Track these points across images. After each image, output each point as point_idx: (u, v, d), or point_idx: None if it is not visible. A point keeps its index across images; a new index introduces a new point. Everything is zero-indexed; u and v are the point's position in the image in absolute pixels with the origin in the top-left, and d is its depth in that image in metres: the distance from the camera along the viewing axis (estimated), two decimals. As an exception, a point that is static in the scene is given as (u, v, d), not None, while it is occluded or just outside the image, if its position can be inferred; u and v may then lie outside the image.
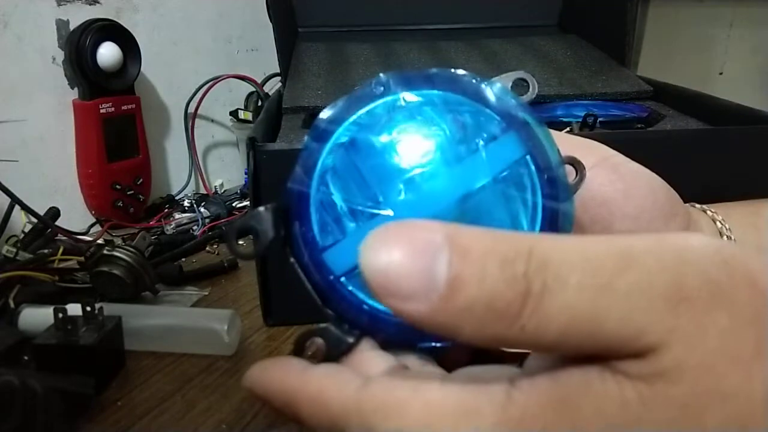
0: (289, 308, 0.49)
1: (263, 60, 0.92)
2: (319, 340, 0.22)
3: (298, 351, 0.22)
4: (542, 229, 0.20)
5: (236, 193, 0.81)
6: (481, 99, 0.21)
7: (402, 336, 0.21)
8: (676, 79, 0.67)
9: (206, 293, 0.55)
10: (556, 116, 0.60)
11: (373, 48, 0.76)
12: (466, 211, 0.20)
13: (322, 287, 0.22)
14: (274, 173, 0.45)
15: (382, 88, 0.22)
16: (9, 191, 0.58)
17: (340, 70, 0.68)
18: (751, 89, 0.97)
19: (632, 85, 0.66)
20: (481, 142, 0.21)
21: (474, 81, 0.22)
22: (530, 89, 0.23)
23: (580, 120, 0.54)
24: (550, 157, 0.21)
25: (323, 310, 0.22)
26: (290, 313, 0.49)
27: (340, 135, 0.22)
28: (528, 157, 0.21)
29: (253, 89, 0.85)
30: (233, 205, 0.76)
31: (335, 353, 0.22)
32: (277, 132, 0.54)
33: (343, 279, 0.22)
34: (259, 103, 0.84)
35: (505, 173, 0.21)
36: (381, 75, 0.22)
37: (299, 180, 0.22)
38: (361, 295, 0.21)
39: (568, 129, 0.55)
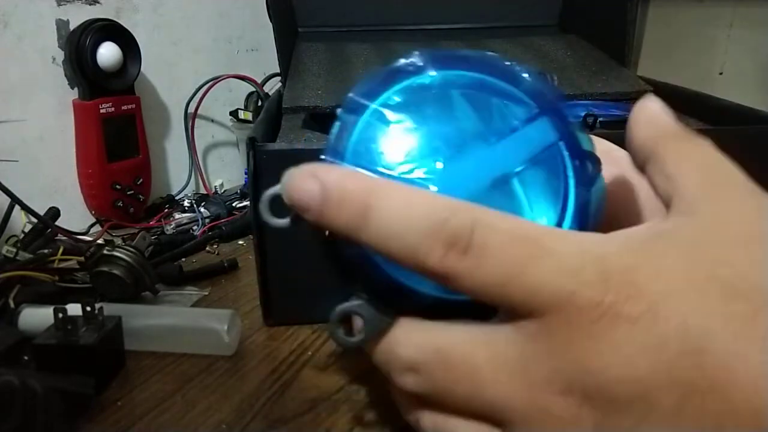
0: (289, 308, 0.49)
1: (263, 60, 0.92)
2: (358, 319, 0.22)
3: (335, 330, 0.22)
4: (574, 215, 0.21)
5: (236, 193, 0.81)
6: (516, 82, 0.21)
7: (434, 307, 0.21)
8: (676, 79, 0.67)
9: (206, 293, 0.55)
10: (556, 116, 0.60)
11: (373, 48, 0.76)
12: (498, 193, 0.20)
13: (357, 263, 0.22)
14: (274, 173, 0.45)
15: (417, 66, 0.22)
16: (9, 191, 0.58)
17: (340, 70, 0.68)
18: (751, 89, 0.97)
19: (632, 85, 0.66)
20: (516, 125, 0.21)
21: (508, 64, 0.22)
22: (552, 81, 0.24)
23: (580, 120, 0.54)
24: (581, 143, 0.21)
25: (356, 291, 0.22)
26: (290, 313, 0.49)
27: (375, 110, 0.22)
28: (561, 143, 0.21)
29: (253, 89, 0.85)
30: (233, 205, 0.76)
31: (373, 331, 0.21)
32: (277, 132, 0.54)
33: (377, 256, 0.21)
34: (259, 103, 0.84)
35: (538, 157, 0.21)
36: (416, 52, 0.22)
37: (332, 151, 0.22)
38: (395, 272, 0.21)
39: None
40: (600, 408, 0.16)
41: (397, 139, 0.21)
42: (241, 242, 0.68)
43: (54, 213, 0.61)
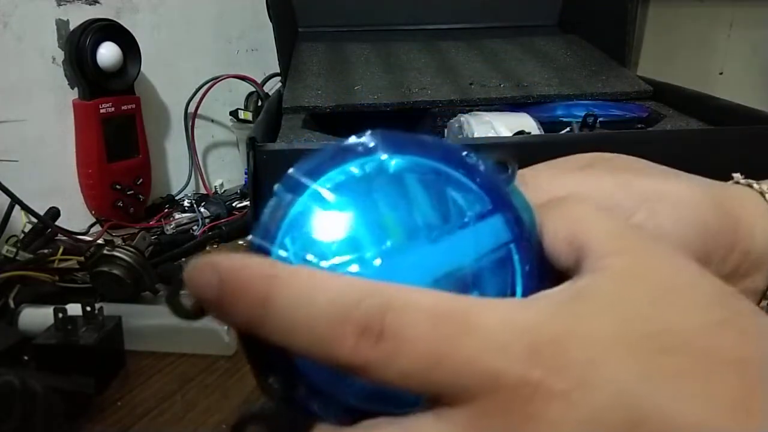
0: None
1: (263, 60, 0.92)
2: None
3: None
4: None
5: (236, 193, 0.81)
6: (471, 174, 0.20)
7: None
8: (676, 79, 0.67)
9: (206, 293, 0.55)
10: (556, 116, 0.60)
11: (373, 48, 0.76)
12: (442, 289, 0.18)
13: (273, 361, 0.19)
14: (274, 173, 0.45)
15: (368, 147, 0.20)
16: (9, 191, 0.58)
17: (340, 70, 0.68)
18: (751, 89, 0.97)
19: (632, 85, 0.66)
20: (466, 221, 0.19)
21: (465, 154, 0.20)
22: (509, 172, 0.22)
23: (580, 120, 0.54)
24: (532, 244, 0.20)
25: (266, 385, 0.19)
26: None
27: (313, 190, 0.20)
28: (512, 244, 0.19)
29: (253, 89, 0.85)
30: (233, 205, 0.76)
31: None
32: (277, 132, 0.54)
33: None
34: (259, 103, 0.84)
35: (487, 256, 0.19)
36: (369, 131, 0.20)
37: (262, 232, 0.19)
38: (312, 372, 0.19)
39: (568, 129, 0.55)
40: None
41: (335, 225, 0.19)
42: (241, 242, 0.68)
43: (54, 213, 0.61)
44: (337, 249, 0.19)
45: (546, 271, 0.20)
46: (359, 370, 0.16)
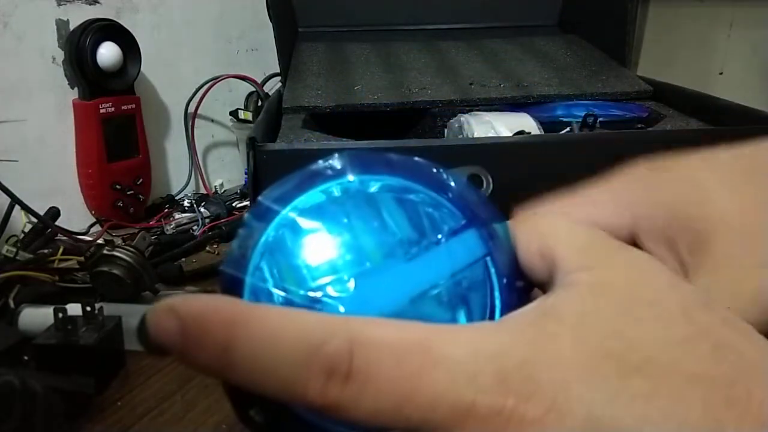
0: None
1: (263, 60, 0.92)
2: None
3: None
4: None
5: (236, 193, 0.81)
6: (443, 190, 0.20)
7: None
8: (676, 79, 0.67)
9: (206, 293, 0.55)
10: (556, 116, 0.60)
11: (373, 48, 0.76)
12: (420, 309, 0.18)
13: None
14: (274, 173, 0.45)
15: (336, 169, 0.20)
16: (9, 191, 0.58)
17: (340, 70, 0.68)
18: (751, 89, 0.97)
19: (632, 85, 0.66)
20: (440, 238, 0.19)
21: (435, 171, 0.20)
22: (485, 185, 0.21)
23: (580, 120, 0.54)
24: (508, 257, 0.20)
25: (247, 417, 0.19)
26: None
27: (284, 216, 0.19)
28: (488, 258, 0.19)
29: (253, 89, 0.85)
30: (233, 205, 0.76)
31: None
32: (277, 132, 0.54)
33: None
34: (259, 103, 0.84)
35: (463, 271, 0.19)
36: (337, 154, 0.20)
37: (234, 262, 0.19)
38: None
39: (568, 129, 0.55)
40: None
41: (307, 250, 0.19)
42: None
43: (54, 213, 0.61)
44: (311, 274, 0.18)
45: (525, 284, 0.20)
46: (330, 411, 0.16)
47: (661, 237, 0.22)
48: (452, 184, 0.20)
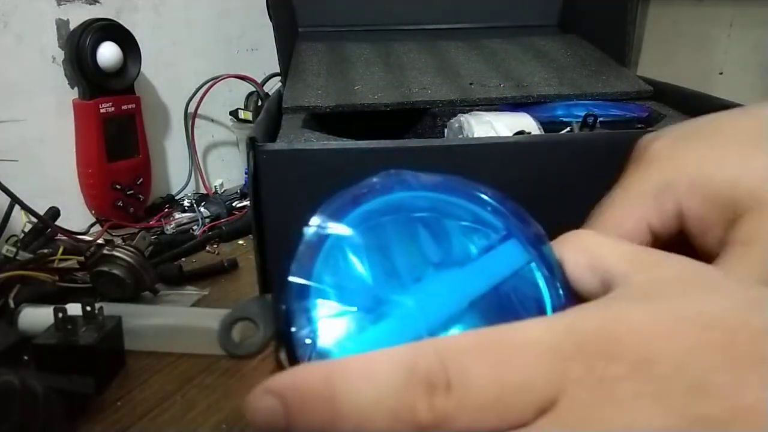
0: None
1: (263, 60, 0.92)
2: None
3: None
4: None
5: (236, 193, 0.81)
6: (481, 204, 0.21)
7: None
8: (676, 79, 0.67)
9: (206, 293, 0.55)
10: (556, 116, 0.60)
11: (373, 48, 0.76)
12: (478, 312, 0.20)
13: None
14: (274, 173, 0.45)
15: (386, 185, 0.21)
16: (9, 191, 0.58)
17: (340, 70, 0.68)
18: (751, 89, 0.97)
19: (632, 85, 0.66)
20: (483, 249, 0.21)
21: (472, 185, 0.21)
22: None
23: (580, 120, 0.54)
24: (551, 261, 0.21)
25: None
26: (290, 313, 0.49)
27: (341, 231, 0.21)
28: (532, 264, 0.21)
29: (253, 89, 0.85)
30: (233, 204, 0.76)
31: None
32: (277, 132, 0.54)
33: None
34: (259, 103, 0.84)
35: (513, 276, 0.21)
36: (385, 172, 0.21)
37: (299, 272, 0.20)
38: None
39: (568, 129, 0.55)
40: None
41: (367, 263, 0.20)
42: (241, 242, 0.68)
43: (54, 213, 0.61)
44: (375, 284, 0.20)
45: (569, 290, 0.21)
46: (442, 425, 0.16)
47: (702, 218, 0.24)
48: (489, 198, 0.21)
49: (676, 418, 0.16)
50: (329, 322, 0.20)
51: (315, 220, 0.21)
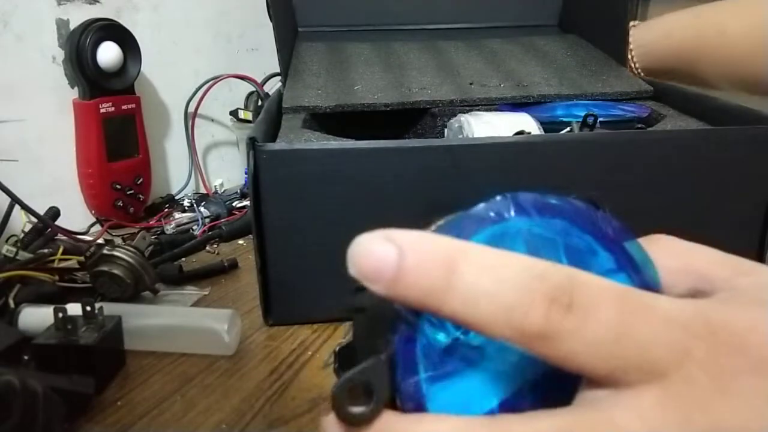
0: (289, 308, 0.49)
1: (263, 60, 0.92)
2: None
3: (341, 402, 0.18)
4: None
5: (236, 192, 0.81)
6: (596, 234, 0.20)
7: None
8: (676, 79, 0.67)
9: (206, 293, 0.55)
10: (556, 116, 0.60)
11: (373, 48, 0.76)
12: None
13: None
14: (274, 173, 0.45)
15: (500, 213, 0.20)
16: (9, 191, 0.58)
17: (340, 70, 0.68)
18: (751, 89, 0.97)
19: (632, 85, 0.66)
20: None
21: (589, 211, 0.20)
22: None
23: (580, 120, 0.54)
24: (654, 290, 0.21)
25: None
26: (290, 312, 0.49)
27: None
28: None
29: (253, 89, 0.85)
30: (233, 204, 0.76)
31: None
32: (277, 132, 0.54)
33: None
34: (259, 103, 0.84)
35: None
36: (500, 197, 0.20)
37: (406, 319, 0.18)
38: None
39: (568, 129, 0.55)
40: None
41: None
42: (241, 242, 0.68)
43: (54, 213, 0.61)
44: None
45: None
46: (546, 339, 0.16)
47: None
48: (605, 226, 0.20)
49: None
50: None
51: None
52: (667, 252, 0.21)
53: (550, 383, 0.18)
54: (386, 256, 0.16)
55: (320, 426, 0.18)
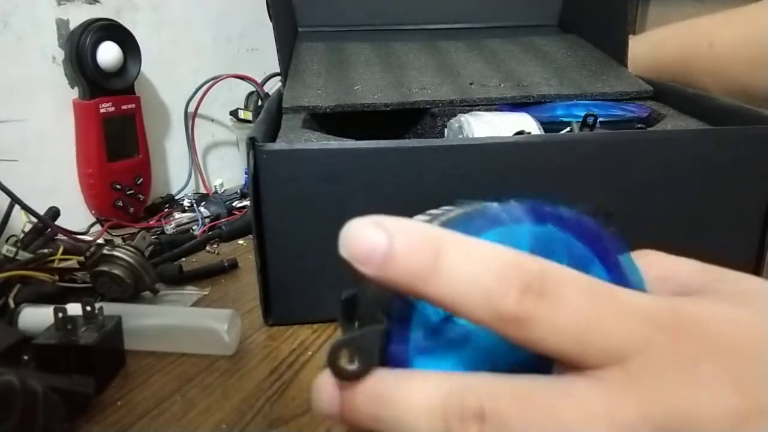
0: (289, 308, 0.49)
1: (263, 60, 0.92)
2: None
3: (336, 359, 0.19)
4: None
5: (236, 192, 0.81)
6: (599, 253, 0.21)
7: None
8: (676, 79, 0.67)
9: (206, 293, 0.55)
10: (556, 116, 0.60)
11: (373, 48, 0.76)
12: None
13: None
14: (274, 173, 0.45)
15: (513, 215, 0.20)
16: (9, 191, 0.58)
17: (340, 70, 0.68)
18: (751, 89, 0.97)
19: (632, 85, 0.66)
20: None
21: (599, 231, 0.21)
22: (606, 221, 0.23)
23: (580, 120, 0.54)
24: None
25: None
26: (290, 312, 0.49)
27: None
28: None
29: (253, 89, 0.85)
30: (233, 204, 0.76)
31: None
32: (277, 132, 0.54)
33: None
34: (259, 103, 0.84)
35: None
36: (512, 200, 0.21)
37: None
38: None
39: (568, 129, 0.55)
40: None
41: None
42: (241, 242, 0.68)
43: (54, 213, 0.61)
44: None
45: None
46: (519, 323, 0.17)
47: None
48: (607, 244, 0.21)
49: (751, 406, 0.17)
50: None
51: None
52: (653, 265, 0.23)
53: (529, 371, 0.19)
54: (377, 239, 0.18)
55: (314, 383, 0.20)
